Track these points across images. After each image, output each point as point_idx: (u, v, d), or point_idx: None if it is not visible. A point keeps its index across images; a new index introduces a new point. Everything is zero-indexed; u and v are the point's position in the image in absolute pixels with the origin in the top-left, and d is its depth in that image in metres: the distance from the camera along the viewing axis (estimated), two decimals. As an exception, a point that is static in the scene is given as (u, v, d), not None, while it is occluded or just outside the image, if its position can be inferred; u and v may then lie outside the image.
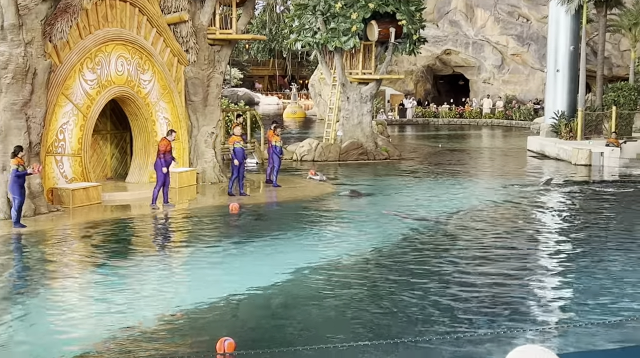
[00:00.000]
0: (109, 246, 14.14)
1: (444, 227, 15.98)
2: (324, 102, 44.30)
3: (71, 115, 17.80)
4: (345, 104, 29.00)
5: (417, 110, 54.58)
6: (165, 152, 17.77)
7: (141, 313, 10.16)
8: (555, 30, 34.87)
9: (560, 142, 30.90)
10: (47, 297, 10.90)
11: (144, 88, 20.01)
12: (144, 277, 12.05)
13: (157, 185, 17.90)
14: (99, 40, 18.27)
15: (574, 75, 34.37)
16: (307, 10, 28.37)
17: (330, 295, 10.95)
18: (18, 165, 15.29)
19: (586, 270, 12.42)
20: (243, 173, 19.79)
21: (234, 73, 76.83)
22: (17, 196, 15.35)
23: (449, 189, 21.40)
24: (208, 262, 12.99)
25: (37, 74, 16.24)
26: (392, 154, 29.12)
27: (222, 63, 22.36)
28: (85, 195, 17.70)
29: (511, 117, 51.09)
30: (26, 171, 15.43)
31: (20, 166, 15.32)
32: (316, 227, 16.01)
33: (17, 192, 15.34)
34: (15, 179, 15.29)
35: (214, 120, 21.91)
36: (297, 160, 28.03)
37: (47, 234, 14.93)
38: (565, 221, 17.06)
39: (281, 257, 13.22)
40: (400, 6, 27.74)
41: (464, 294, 11.01)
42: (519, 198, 19.85)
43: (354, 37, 27.50)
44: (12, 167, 15.38)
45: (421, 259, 13.10)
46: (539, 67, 51.23)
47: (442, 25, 55.87)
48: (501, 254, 13.57)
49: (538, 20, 52.48)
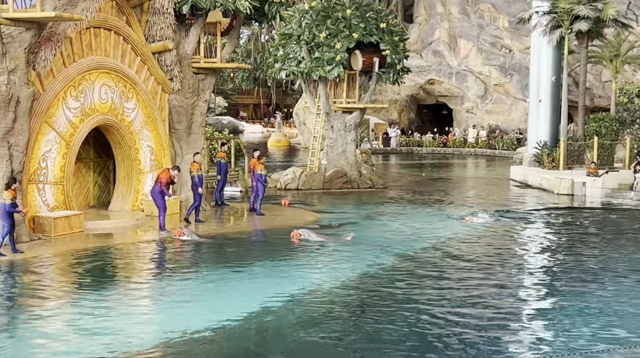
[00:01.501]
0: (90, 275, 14.01)
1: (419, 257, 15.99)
2: (309, 130, 44.42)
3: (54, 143, 17.73)
4: (329, 132, 29.08)
5: (401, 139, 54.84)
6: (167, 183, 18.33)
7: (120, 345, 10.04)
8: (538, 61, 35.23)
9: (542, 172, 31.09)
10: (24, 326, 10.77)
11: (128, 116, 19.98)
12: (124, 306, 11.93)
13: (160, 212, 18.29)
14: (83, 68, 18.26)
15: (556, 106, 34.69)
16: (292, 39, 28.53)
17: (311, 324, 10.88)
18: (13, 199, 15.20)
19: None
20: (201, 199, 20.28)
21: (218, 101, 76.97)
22: (7, 225, 15.24)
23: (429, 218, 21.46)
24: (189, 290, 12.90)
25: (20, 101, 16.18)
26: (376, 183, 29.17)
27: (207, 91, 22.41)
28: (68, 224, 17.56)
29: (494, 146, 51.44)
30: (18, 209, 15.35)
31: (13, 200, 15.21)
32: (299, 255, 15.98)
33: (8, 222, 15.25)
34: (6, 212, 15.18)
35: (198, 148, 21.89)
36: (282, 189, 28.01)
37: (27, 263, 14.77)
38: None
39: (261, 286, 13.16)
40: (384, 36, 27.97)
41: (451, 320, 10.99)
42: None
43: (338, 67, 27.66)
44: (5, 200, 15.19)
45: (403, 288, 13.09)
46: (522, 97, 51.69)
47: (426, 55, 56.35)
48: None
49: (520, 51, 53.06)
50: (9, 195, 15.20)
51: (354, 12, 27.71)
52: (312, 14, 27.99)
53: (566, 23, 32.53)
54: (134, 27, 19.96)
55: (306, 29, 27.88)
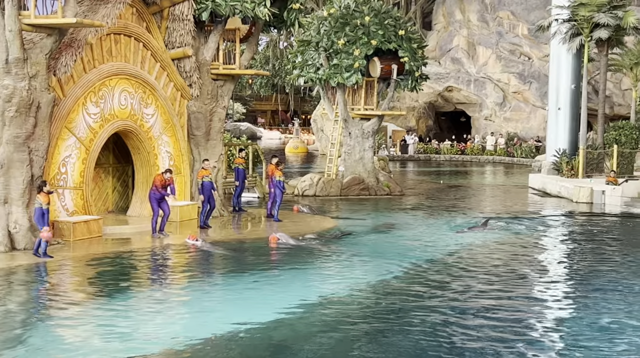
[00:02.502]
0: (109, 279, 14.11)
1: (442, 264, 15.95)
2: (326, 137, 44.43)
3: (74, 148, 17.87)
4: (347, 139, 29.10)
5: (419, 146, 54.75)
6: (161, 187, 18.31)
7: (137, 349, 10.08)
8: (557, 68, 35.11)
9: (561, 180, 30.92)
10: (46, 329, 10.86)
11: (147, 122, 20.10)
12: (143, 310, 12.00)
13: (153, 215, 18.40)
14: (103, 74, 18.40)
15: (576, 114, 34.53)
16: (310, 46, 28.59)
17: (330, 331, 10.89)
18: (46, 203, 15.50)
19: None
20: (213, 204, 20.31)
21: (236, 108, 77.24)
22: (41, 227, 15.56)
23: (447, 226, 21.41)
24: (206, 297, 12.96)
25: (41, 107, 16.33)
26: (393, 190, 29.13)
27: (225, 98, 22.50)
28: (87, 228, 17.68)
29: (513, 154, 51.22)
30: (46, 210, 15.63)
31: (45, 204, 15.49)
32: (317, 262, 15.99)
33: (43, 224, 15.52)
34: (40, 215, 15.52)
35: (216, 154, 21.98)
36: (299, 195, 28.04)
37: (47, 267, 14.89)
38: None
39: (281, 292, 13.19)
40: (402, 43, 27.97)
41: (467, 330, 10.95)
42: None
43: (357, 74, 27.67)
44: (39, 203, 15.51)
45: (419, 296, 13.06)
46: (541, 105, 51.47)
47: (444, 63, 56.24)
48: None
49: (540, 59, 52.85)
50: (44, 199, 15.49)
51: (373, 19, 27.73)
52: (331, 21, 28.04)
53: (586, 31, 32.38)
54: (154, 34, 20.11)
55: (325, 35, 27.94)
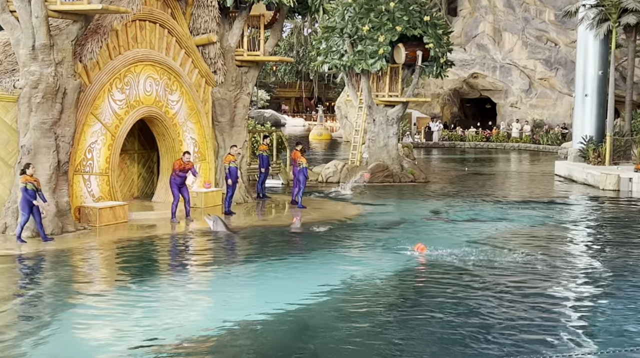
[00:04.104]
0: (135, 264, 14.22)
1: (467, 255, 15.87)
2: (350, 124, 44.39)
3: (99, 134, 17.98)
4: (371, 126, 29.02)
5: (444, 133, 54.50)
6: (180, 170, 18.39)
7: (163, 333, 10.15)
8: (584, 54, 34.70)
9: (588, 167, 30.63)
10: (74, 312, 10.97)
11: (172, 108, 20.17)
12: (167, 296, 12.08)
13: (174, 200, 18.51)
14: (129, 60, 18.48)
15: (603, 100, 34.15)
16: (335, 32, 28.50)
17: (355, 319, 10.89)
18: (26, 183, 15.18)
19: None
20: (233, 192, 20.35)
21: (260, 94, 77.30)
22: (25, 213, 15.34)
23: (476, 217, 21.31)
24: (232, 282, 13.02)
25: (67, 93, 16.45)
26: (418, 177, 29.03)
27: (250, 84, 22.51)
28: (112, 214, 17.82)
29: (538, 141, 50.80)
30: (34, 193, 15.27)
31: (29, 184, 15.17)
32: (342, 248, 15.99)
33: (26, 211, 15.31)
34: (25, 201, 15.26)
35: (240, 141, 22.01)
36: (323, 182, 28.04)
37: (73, 252, 15.05)
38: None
39: (304, 279, 13.21)
40: (427, 29, 27.79)
41: (489, 320, 10.90)
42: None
43: (381, 60, 27.56)
44: (20, 185, 15.30)
45: (440, 286, 13.03)
46: (567, 92, 50.96)
47: (470, 49, 55.82)
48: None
49: (566, 45, 52.30)
50: (22, 179, 15.21)
51: (398, 4, 27.58)
52: (356, 7, 27.93)
53: (614, 16, 31.95)
54: (179, 20, 20.14)
55: (349, 21, 27.84)
